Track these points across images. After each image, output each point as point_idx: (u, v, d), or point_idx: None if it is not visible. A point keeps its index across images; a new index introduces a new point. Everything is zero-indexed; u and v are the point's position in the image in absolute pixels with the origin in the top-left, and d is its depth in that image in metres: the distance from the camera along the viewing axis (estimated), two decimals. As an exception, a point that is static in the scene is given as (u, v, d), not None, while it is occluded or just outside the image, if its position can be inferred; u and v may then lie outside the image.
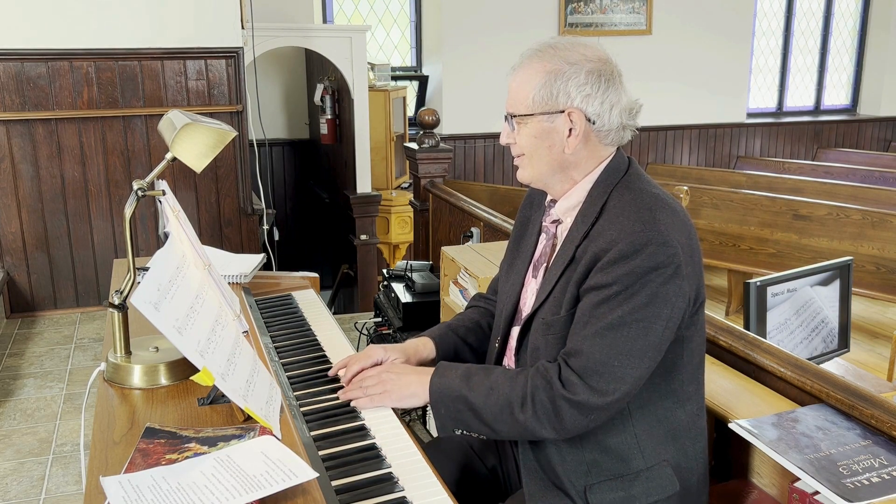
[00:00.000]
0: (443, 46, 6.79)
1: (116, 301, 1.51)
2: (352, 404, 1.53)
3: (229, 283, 2.09)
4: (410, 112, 6.79)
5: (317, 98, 5.84)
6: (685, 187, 4.71)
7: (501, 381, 1.43)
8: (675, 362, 1.44)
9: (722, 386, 1.78)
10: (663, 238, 1.34)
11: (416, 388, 1.50)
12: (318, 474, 1.16)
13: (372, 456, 1.39)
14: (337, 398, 1.59)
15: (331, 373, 1.69)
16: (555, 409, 1.37)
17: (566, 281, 1.44)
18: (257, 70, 4.92)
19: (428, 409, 1.55)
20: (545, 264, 1.54)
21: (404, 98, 6.35)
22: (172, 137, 1.55)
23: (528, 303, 1.56)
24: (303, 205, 6.65)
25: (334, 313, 4.30)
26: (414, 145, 4.65)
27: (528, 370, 1.43)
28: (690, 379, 1.48)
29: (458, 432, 1.49)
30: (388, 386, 1.52)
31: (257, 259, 2.25)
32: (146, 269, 1.34)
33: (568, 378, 1.37)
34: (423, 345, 1.70)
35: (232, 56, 4.47)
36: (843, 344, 2.85)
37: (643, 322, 1.34)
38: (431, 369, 1.52)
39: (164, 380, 1.49)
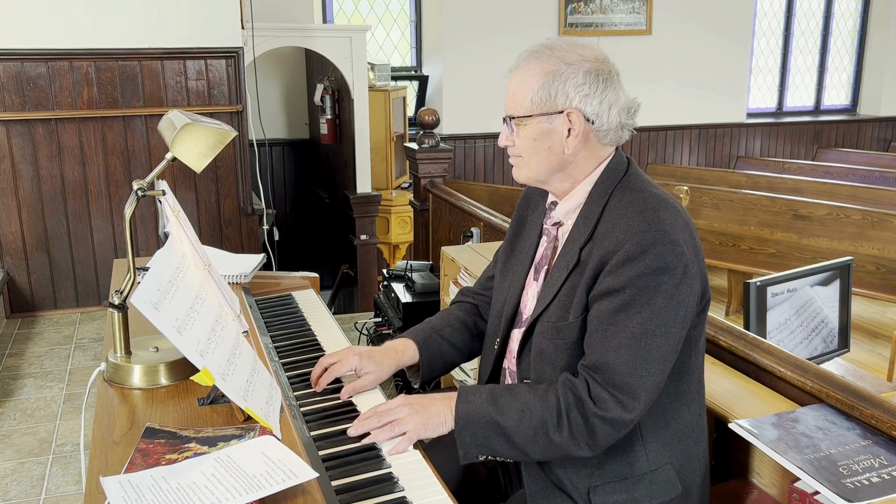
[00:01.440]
0: (443, 46, 6.79)
1: (116, 301, 1.51)
2: (391, 451, 1.41)
3: (229, 283, 2.09)
4: (410, 112, 6.79)
5: (317, 98, 5.84)
6: (685, 187, 4.71)
7: (532, 402, 1.38)
8: (685, 363, 1.43)
9: (722, 386, 1.78)
10: (670, 237, 1.34)
11: (445, 416, 1.44)
12: (318, 474, 1.16)
13: (372, 456, 1.39)
14: (337, 398, 1.59)
15: (312, 379, 1.64)
16: (588, 428, 1.35)
17: (572, 285, 1.43)
18: (257, 70, 4.92)
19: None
20: (546, 267, 1.54)
21: (404, 98, 6.35)
22: (172, 137, 1.55)
23: (528, 305, 1.55)
24: (303, 205, 6.65)
25: (334, 313, 4.30)
26: (414, 145, 4.65)
27: (556, 387, 1.39)
28: (696, 379, 1.48)
29: (482, 458, 1.44)
30: (420, 419, 1.43)
31: (257, 259, 2.25)
32: (146, 269, 1.33)
33: (599, 395, 1.34)
34: (402, 351, 1.66)
35: (232, 56, 4.47)
36: (843, 344, 2.85)
37: (663, 327, 1.34)
38: (453, 394, 1.46)
39: (164, 380, 1.49)
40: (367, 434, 1.44)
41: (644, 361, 1.33)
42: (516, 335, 1.56)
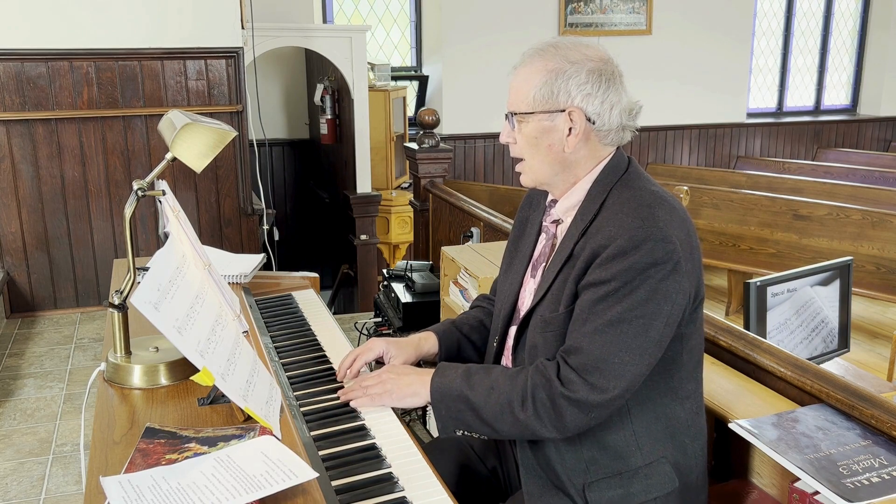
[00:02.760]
0: (443, 46, 6.79)
1: (116, 301, 1.51)
2: (352, 404, 1.53)
3: (229, 283, 2.09)
4: (410, 112, 6.79)
5: (317, 98, 5.84)
6: (685, 187, 4.70)
7: (502, 380, 1.43)
8: (675, 359, 1.44)
9: (722, 386, 1.78)
10: (662, 234, 1.34)
11: (416, 388, 1.50)
12: (318, 474, 1.16)
13: (372, 456, 1.39)
14: (337, 398, 1.59)
15: (339, 376, 1.68)
16: (555, 408, 1.37)
17: (564, 278, 1.44)
18: (257, 70, 4.92)
19: (429, 409, 1.54)
20: (544, 264, 1.54)
21: (404, 98, 6.35)
22: (172, 137, 1.55)
23: (525, 302, 1.56)
24: (303, 205, 6.65)
25: (334, 313, 4.29)
26: (414, 145, 4.65)
27: (528, 369, 1.43)
28: (689, 377, 1.48)
29: (460, 433, 1.48)
30: (389, 385, 1.51)
31: (257, 259, 2.25)
32: (146, 269, 1.33)
33: (567, 376, 1.36)
34: (425, 339, 1.71)
35: (232, 56, 4.47)
36: (843, 344, 2.85)
37: (643, 319, 1.34)
38: (432, 370, 1.51)
39: (164, 380, 1.49)
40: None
41: (617, 348, 1.34)
42: (513, 332, 1.57)
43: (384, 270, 3.70)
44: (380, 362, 1.71)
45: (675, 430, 1.46)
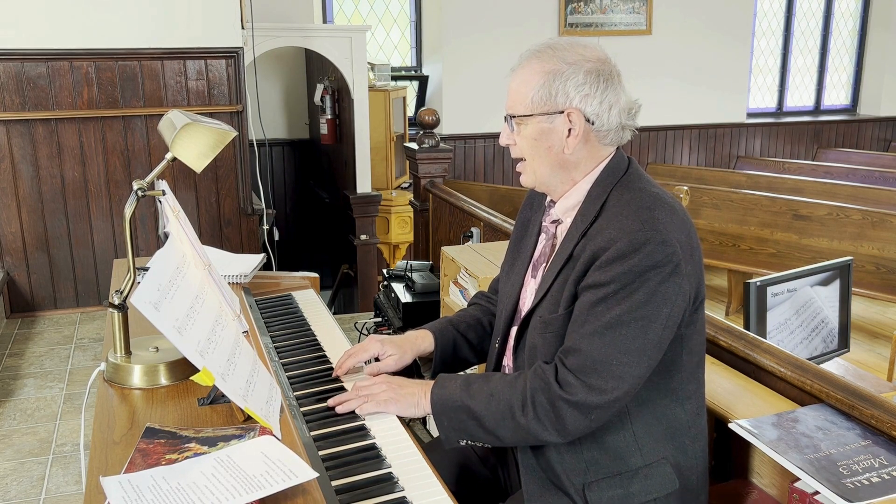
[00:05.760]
0: (443, 46, 6.79)
1: (116, 301, 1.51)
2: (357, 411, 1.51)
3: (229, 283, 2.09)
4: (410, 112, 6.79)
5: (317, 98, 5.84)
6: (685, 187, 4.70)
7: (501, 387, 1.43)
8: (675, 360, 1.44)
9: (722, 386, 1.78)
10: (662, 237, 1.34)
11: (419, 398, 1.50)
12: (318, 474, 1.16)
13: (372, 456, 1.39)
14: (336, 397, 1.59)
15: (336, 366, 1.70)
16: (555, 411, 1.37)
17: (564, 279, 1.44)
18: (257, 70, 4.92)
19: (429, 417, 1.54)
20: (544, 264, 1.54)
21: (404, 98, 6.35)
22: (172, 137, 1.55)
23: (526, 302, 1.56)
24: (303, 205, 6.65)
25: (334, 313, 4.30)
26: (414, 145, 4.65)
27: (527, 373, 1.43)
28: (690, 377, 1.48)
29: (464, 442, 1.48)
30: (393, 393, 1.52)
31: (257, 259, 2.25)
32: (146, 269, 1.33)
33: (565, 378, 1.37)
34: (422, 338, 1.71)
35: (232, 56, 4.47)
36: (843, 344, 2.85)
37: (642, 321, 1.34)
38: (431, 382, 1.52)
39: (164, 380, 1.49)
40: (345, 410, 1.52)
41: (616, 350, 1.34)
42: (514, 333, 1.57)
43: (384, 270, 3.70)
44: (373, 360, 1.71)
45: (676, 431, 1.46)
